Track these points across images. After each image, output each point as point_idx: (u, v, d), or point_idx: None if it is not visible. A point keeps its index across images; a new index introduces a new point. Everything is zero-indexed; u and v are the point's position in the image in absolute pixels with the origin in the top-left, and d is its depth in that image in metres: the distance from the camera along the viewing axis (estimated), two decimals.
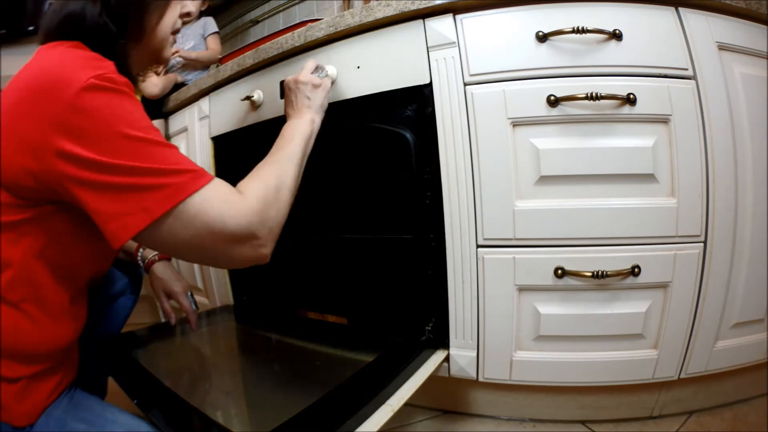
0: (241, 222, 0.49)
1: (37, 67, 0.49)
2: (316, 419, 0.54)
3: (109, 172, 0.44)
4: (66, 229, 0.53)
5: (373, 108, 0.86)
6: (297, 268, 1.09)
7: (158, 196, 0.45)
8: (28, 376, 0.53)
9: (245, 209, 0.50)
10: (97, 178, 0.45)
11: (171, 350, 0.91)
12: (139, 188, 0.45)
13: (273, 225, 0.53)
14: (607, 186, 0.75)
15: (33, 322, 0.53)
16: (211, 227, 0.48)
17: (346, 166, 0.95)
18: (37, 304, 0.53)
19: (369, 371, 0.69)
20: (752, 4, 0.78)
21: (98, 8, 0.54)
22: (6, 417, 0.52)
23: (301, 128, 0.70)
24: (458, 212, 0.79)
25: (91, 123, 0.44)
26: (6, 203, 0.48)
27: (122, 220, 0.45)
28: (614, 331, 0.78)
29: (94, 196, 0.45)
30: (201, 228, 0.47)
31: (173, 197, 0.46)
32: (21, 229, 0.49)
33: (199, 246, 0.49)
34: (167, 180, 0.46)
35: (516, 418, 0.88)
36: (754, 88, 0.79)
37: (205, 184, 0.48)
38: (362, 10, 0.83)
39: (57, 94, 0.45)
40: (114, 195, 0.45)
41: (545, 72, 0.76)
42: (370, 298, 0.94)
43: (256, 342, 1.00)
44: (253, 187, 0.53)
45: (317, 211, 1.04)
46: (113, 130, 0.45)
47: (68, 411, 0.59)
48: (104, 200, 0.45)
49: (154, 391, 0.65)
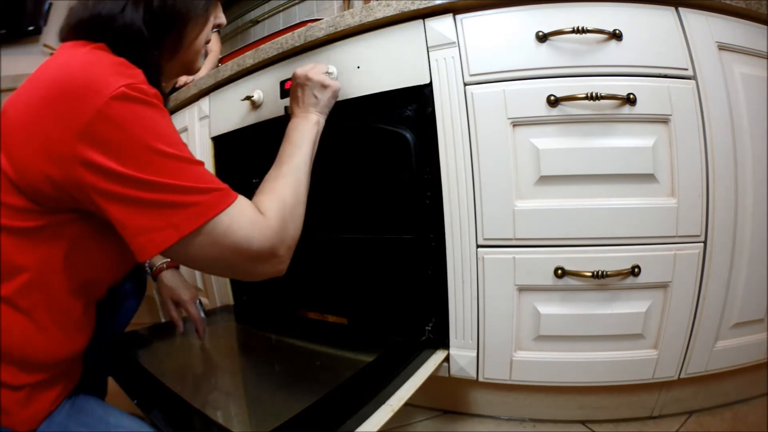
0: (264, 243, 0.50)
1: (61, 67, 0.47)
2: (316, 419, 0.54)
3: (137, 186, 0.44)
4: (83, 239, 0.52)
5: (373, 108, 0.86)
6: (297, 268, 1.09)
7: (187, 214, 0.45)
8: (32, 384, 0.52)
9: (268, 230, 0.51)
10: (124, 192, 0.44)
11: (171, 350, 0.91)
12: (168, 205, 0.45)
13: (291, 242, 0.55)
14: (607, 186, 0.75)
15: (42, 332, 0.52)
16: (237, 247, 0.48)
17: (346, 166, 0.95)
18: (48, 313, 0.52)
19: (369, 371, 0.69)
20: (752, 4, 0.78)
21: (140, 14, 0.52)
22: (8, 423, 0.52)
23: (307, 133, 0.69)
24: (458, 212, 0.79)
25: (119, 134, 0.43)
26: (22, 208, 0.47)
27: (150, 235, 0.45)
28: (614, 331, 0.78)
29: (121, 209, 0.45)
30: (228, 247, 0.48)
31: (202, 215, 0.46)
32: (38, 236, 0.48)
33: (224, 263, 0.50)
34: (196, 198, 0.46)
35: (516, 418, 0.88)
36: (754, 88, 0.79)
37: (232, 203, 0.49)
38: (362, 10, 0.83)
39: (85, 101, 0.43)
40: (142, 210, 0.45)
41: (545, 72, 0.76)
42: (370, 298, 0.94)
43: (256, 342, 1.00)
44: (272, 206, 0.54)
45: (317, 210, 1.04)
46: (142, 144, 0.44)
47: (70, 416, 0.58)
48: (131, 214, 0.45)
49: (154, 391, 0.65)
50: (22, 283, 0.49)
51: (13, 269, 0.48)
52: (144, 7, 0.52)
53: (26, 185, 0.46)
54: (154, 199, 0.44)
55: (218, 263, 0.50)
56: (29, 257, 0.48)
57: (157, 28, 0.53)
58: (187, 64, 0.62)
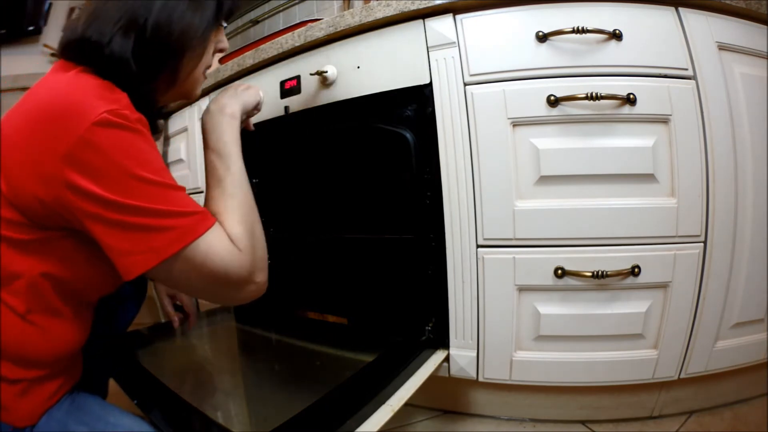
0: (240, 272, 0.51)
1: (49, 90, 0.48)
2: (316, 419, 0.54)
3: (119, 211, 0.45)
4: (74, 254, 0.53)
5: (373, 108, 0.86)
6: (297, 268, 1.09)
7: (166, 238, 0.46)
8: (29, 379, 0.54)
9: (242, 259, 0.51)
10: (107, 215, 0.45)
11: (171, 350, 0.91)
12: (149, 229, 0.46)
13: (262, 263, 0.55)
14: (607, 186, 0.75)
15: (39, 331, 0.53)
16: (216, 275, 0.50)
17: (346, 166, 0.95)
18: (43, 315, 0.53)
19: (369, 371, 0.69)
20: (752, 4, 0.78)
21: (129, 45, 0.50)
22: (6, 418, 0.52)
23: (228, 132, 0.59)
24: (458, 212, 0.79)
25: (102, 161, 0.44)
26: (17, 222, 0.49)
27: (132, 257, 0.46)
28: (614, 331, 0.78)
29: (105, 231, 0.46)
30: (207, 275, 0.49)
31: (180, 240, 0.47)
32: (32, 247, 0.50)
33: (206, 289, 0.52)
34: (175, 222, 0.47)
35: (516, 418, 0.88)
36: (754, 88, 0.79)
37: (210, 228, 0.49)
38: (362, 10, 0.83)
39: (68, 126, 0.44)
40: (124, 233, 0.46)
41: (545, 72, 0.76)
42: (370, 298, 0.94)
43: (256, 342, 1.00)
44: (239, 231, 0.53)
45: (317, 211, 1.04)
46: (124, 170, 0.45)
47: (70, 413, 0.58)
48: (115, 237, 0.46)
49: (154, 391, 0.65)
50: (17, 288, 0.50)
51: (10, 276, 0.50)
52: (135, 38, 0.50)
53: (19, 203, 0.48)
54: (135, 223, 0.45)
55: (200, 288, 0.52)
56: (24, 266, 0.50)
57: (150, 61, 0.51)
58: (185, 93, 0.60)
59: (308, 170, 1.05)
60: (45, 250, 0.51)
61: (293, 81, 0.96)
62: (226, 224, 0.53)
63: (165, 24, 0.51)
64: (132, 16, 0.50)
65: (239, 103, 0.63)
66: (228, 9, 0.59)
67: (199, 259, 0.48)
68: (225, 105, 0.61)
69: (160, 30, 0.51)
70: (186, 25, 0.53)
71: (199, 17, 0.54)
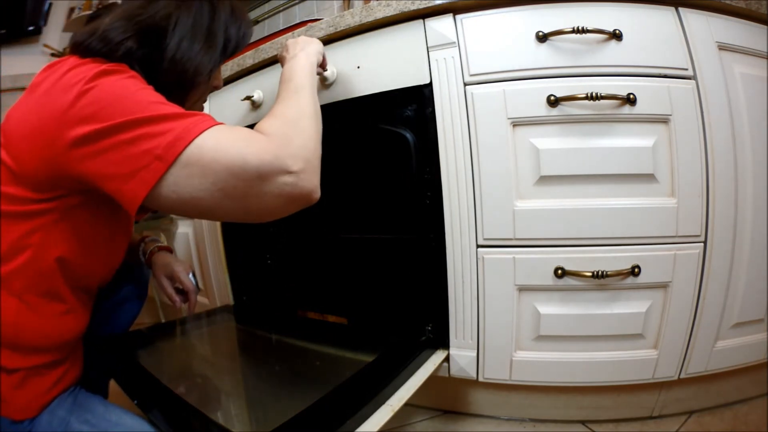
0: (264, 157, 0.44)
1: (52, 75, 0.50)
2: (316, 419, 0.54)
3: (118, 131, 0.43)
4: (80, 227, 0.53)
5: (373, 108, 0.86)
6: (297, 268, 1.09)
7: (168, 140, 0.43)
8: (27, 368, 0.54)
9: (265, 143, 0.45)
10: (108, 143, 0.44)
11: (171, 350, 0.91)
12: (149, 137, 0.43)
13: (305, 153, 0.47)
14: (607, 186, 0.75)
15: (35, 315, 0.54)
16: (231, 168, 0.43)
17: (346, 166, 0.95)
18: (40, 297, 0.54)
19: (369, 371, 0.69)
20: (752, 4, 0.78)
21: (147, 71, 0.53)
22: (4, 411, 0.53)
23: (299, 64, 0.63)
24: (458, 212, 0.79)
25: (97, 98, 0.45)
26: (19, 197, 0.49)
27: (137, 176, 0.43)
28: (614, 331, 0.78)
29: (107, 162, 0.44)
30: (221, 171, 0.43)
31: (184, 138, 0.43)
32: (36, 221, 0.50)
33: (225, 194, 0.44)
34: (174, 124, 0.44)
35: (516, 418, 0.88)
36: (754, 88, 0.79)
37: (216, 125, 0.46)
38: (362, 10, 0.83)
39: (71, 89, 0.46)
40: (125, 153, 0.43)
41: (545, 72, 0.76)
42: (370, 298, 0.94)
43: (256, 342, 1.00)
44: (269, 123, 0.49)
45: (317, 211, 1.04)
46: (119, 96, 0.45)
47: (72, 411, 0.59)
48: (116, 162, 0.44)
49: (154, 391, 0.65)
50: (17, 266, 0.51)
51: (10, 251, 0.50)
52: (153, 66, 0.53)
53: (26, 173, 0.48)
54: (134, 137, 0.43)
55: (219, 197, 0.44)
56: (28, 240, 0.51)
57: (162, 89, 0.52)
58: None
59: None
60: (52, 224, 0.51)
61: None
62: (263, 120, 0.50)
63: (180, 61, 0.54)
64: (153, 46, 0.53)
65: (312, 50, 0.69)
66: (231, 50, 0.62)
67: (209, 155, 0.43)
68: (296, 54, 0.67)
69: (176, 65, 0.54)
70: (198, 65, 0.56)
71: (209, 58, 0.57)
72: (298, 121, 0.51)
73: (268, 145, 0.45)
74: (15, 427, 0.55)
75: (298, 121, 0.51)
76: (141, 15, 0.54)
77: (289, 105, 0.54)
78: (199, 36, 0.56)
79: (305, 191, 0.47)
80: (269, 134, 0.47)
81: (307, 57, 0.66)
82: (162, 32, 0.54)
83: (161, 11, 0.54)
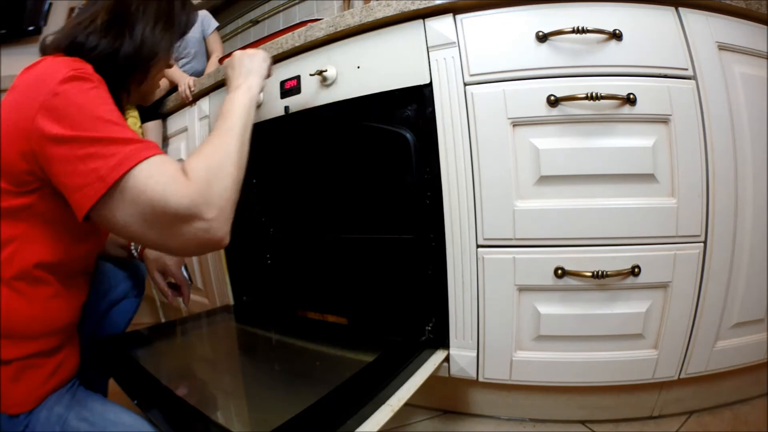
0: (182, 200, 0.48)
1: (30, 74, 0.55)
2: (316, 419, 0.54)
3: (75, 143, 0.48)
4: (57, 214, 0.56)
5: (373, 108, 0.86)
6: (297, 268, 1.09)
7: (111, 164, 0.48)
8: (21, 358, 0.55)
9: (186, 188, 0.49)
10: (66, 152, 0.49)
11: (171, 350, 0.91)
12: (96, 156, 0.48)
13: (220, 202, 0.51)
14: (607, 186, 0.75)
15: (25, 300, 0.55)
16: (154, 204, 0.48)
17: (346, 166, 0.95)
18: (29, 283, 0.55)
19: (369, 371, 0.69)
20: (752, 4, 0.78)
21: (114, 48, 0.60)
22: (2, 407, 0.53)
23: (238, 100, 0.66)
24: (458, 212, 0.79)
25: (65, 103, 0.50)
26: (5, 190, 0.53)
27: (84, 190, 0.48)
28: (614, 331, 0.78)
29: (64, 170, 0.49)
30: (146, 205, 0.48)
31: (123, 164, 0.48)
32: (19, 213, 0.54)
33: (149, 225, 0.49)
34: (119, 149, 0.48)
35: (516, 418, 0.88)
36: (754, 88, 0.79)
37: (154, 155, 0.50)
38: (362, 10, 0.83)
39: (42, 85, 0.51)
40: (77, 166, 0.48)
41: (545, 72, 0.76)
42: (370, 298, 0.94)
43: (256, 342, 1.00)
44: (193, 165, 0.52)
45: (317, 211, 1.04)
46: (82, 108, 0.50)
47: (70, 408, 0.59)
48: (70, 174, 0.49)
49: (154, 391, 0.65)
50: (6, 256, 0.54)
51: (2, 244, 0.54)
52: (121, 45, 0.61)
53: (8, 167, 0.52)
54: (86, 153, 0.48)
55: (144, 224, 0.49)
56: (10, 232, 0.54)
57: (129, 62, 0.62)
58: (145, 94, 0.71)
59: (308, 170, 1.05)
60: (29, 215, 0.54)
61: (293, 81, 0.96)
62: (190, 158, 0.54)
63: (145, 44, 0.63)
64: (120, 29, 0.61)
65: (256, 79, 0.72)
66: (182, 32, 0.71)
67: (140, 186, 0.48)
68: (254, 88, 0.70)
69: (142, 48, 0.63)
70: (161, 46, 0.65)
71: (168, 38, 0.67)
72: (221, 168, 0.54)
73: (188, 190, 0.49)
74: (11, 422, 0.55)
75: (222, 167, 0.54)
76: (110, 8, 0.61)
77: (219, 146, 0.57)
78: (161, 19, 0.65)
79: (215, 239, 0.51)
80: (192, 178, 0.50)
81: (249, 90, 0.69)
82: (131, 21, 0.62)
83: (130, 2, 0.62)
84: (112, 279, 0.82)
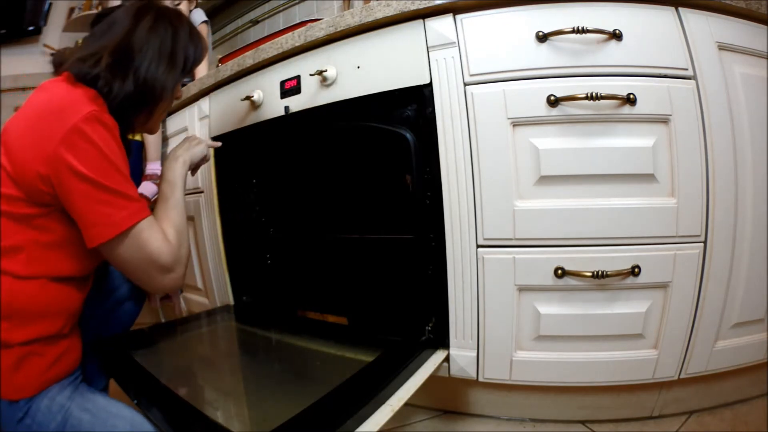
0: (167, 258, 0.65)
1: (48, 95, 0.61)
2: (316, 419, 0.54)
3: (96, 188, 0.58)
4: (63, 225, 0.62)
5: (373, 108, 0.86)
6: (297, 268, 1.09)
7: (124, 215, 0.60)
8: (21, 343, 0.56)
9: (169, 247, 0.66)
10: (87, 190, 0.57)
11: (171, 350, 0.91)
12: (113, 205, 0.59)
13: (184, 260, 0.70)
14: (607, 186, 0.75)
15: (22, 279, 0.58)
16: (150, 254, 0.63)
17: (346, 166, 0.95)
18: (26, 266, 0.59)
19: (369, 371, 0.69)
20: (752, 4, 0.78)
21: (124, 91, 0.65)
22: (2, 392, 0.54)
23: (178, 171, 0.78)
24: (458, 212, 0.79)
25: (89, 146, 0.57)
26: (15, 197, 0.59)
27: (97, 228, 0.59)
28: (614, 331, 0.78)
29: (83, 204, 0.58)
30: (146, 253, 0.63)
31: (132, 218, 0.61)
32: (29, 221, 0.59)
33: (141, 268, 0.64)
34: (130, 204, 0.61)
35: (516, 418, 0.88)
36: (754, 88, 0.79)
37: (149, 216, 0.64)
38: (362, 10, 0.83)
39: (65, 117, 0.57)
40: (96, 207, 0.58)
41: (545, 72, 0.76)
42: (370, 298, 0.94)
43: (256, 342, 1.00)
44: (170, 231, 0.68)
45: (317, 211, 1.04)
46: (103, 157, 0.58)
47: (73, 399, 0.61)
48: (89, 209, 0.58)
49: (154, 391, 0.65)
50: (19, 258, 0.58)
51: (11, 246, 0.58)
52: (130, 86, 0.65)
53: (23, 181, 0.58)
54: (105, 199, 0.59)
55: (136, 267, 0.63)
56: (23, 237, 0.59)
57: (136, 102, 0.66)
58: (150, 128, 0.77)
59: (308, 170, 1.05)
60: (41, 224, 0.60)
61: (293, 81, 0.96)
62: (162, 225, 0.68)
63: (149, 82, 0.67)
64: (125, 72, 0.65)
65: (189, 155, 0.81)
66: (189, 68, 0.75)
67: (143, 238, 0.62)
68: (179, 156, 0.80)
69: (145, 86, 0.67)
70: (164, 84, 0.69)
71: (172, 77, 0.71)
72: (183, 233, 0.71)
73: (170, 250, 0.66)
74: (11, 408, 0.56)
75: (183, 232, 0.71)
76: (114, 42, 0.65)
77: (179, 215, 0.72)
78: (164, 58, 0.69)
79: (177, 285, 0.70)
80: (171, 242, 0.67)
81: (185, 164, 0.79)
82: (132, 58, 0.66)
83: (133, 39, 0.66)
84: (117, 279, 0.83)
